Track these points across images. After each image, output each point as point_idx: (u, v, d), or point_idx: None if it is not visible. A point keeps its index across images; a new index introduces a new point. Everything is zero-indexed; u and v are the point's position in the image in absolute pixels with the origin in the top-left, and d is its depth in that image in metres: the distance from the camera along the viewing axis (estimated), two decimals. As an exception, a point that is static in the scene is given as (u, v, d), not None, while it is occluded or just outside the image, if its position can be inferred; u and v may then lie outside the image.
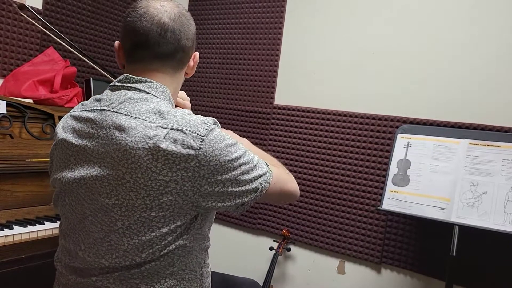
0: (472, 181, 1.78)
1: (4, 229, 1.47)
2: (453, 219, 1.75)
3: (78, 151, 1.04)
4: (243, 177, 1.03)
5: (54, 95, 1.95)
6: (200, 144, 0.96)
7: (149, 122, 0.98)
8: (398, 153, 1.99)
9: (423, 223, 2.10)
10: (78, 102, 2.05)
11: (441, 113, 2.09)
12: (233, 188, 1.02)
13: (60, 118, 1.85)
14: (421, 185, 1.88)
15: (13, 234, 1.45)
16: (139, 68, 1.08)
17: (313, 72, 2.47)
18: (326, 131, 2.40)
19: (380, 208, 1.94)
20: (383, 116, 2.24)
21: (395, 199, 1.92)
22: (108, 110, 1.02)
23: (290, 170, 1.35)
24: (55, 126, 1.80)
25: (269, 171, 1.10)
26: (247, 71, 2.70)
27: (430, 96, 2.12)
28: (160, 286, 1.03)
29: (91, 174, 1.00)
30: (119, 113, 1.01)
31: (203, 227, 1.08)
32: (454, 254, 1.80)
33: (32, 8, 2.14)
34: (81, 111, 1.09)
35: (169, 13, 1.06)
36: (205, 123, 1.00)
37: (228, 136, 1.04)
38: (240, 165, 1.02)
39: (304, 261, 2.49)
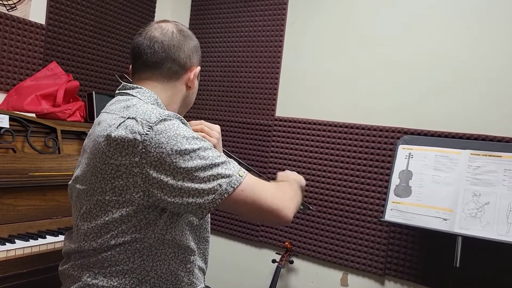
0: (474, 191, 1.77)
1: (6, 243, 1.47)
2: (456, 230, 1.74)
3: (83, 149, 1.18)
4: (198, 173, 0.98)
5: (56, 109, 1.96)
6: (147, 130, 0.99)
7: (115, 114, 1.07)
8: (399, 164, 1.99)
9: (426, 234, 2.09)
10: (81, 116, 2.07)
11: (442, 124, 2.09)
12: (184, 183, 0.98)
13: (62, 132, 1.86)
14: (423, 196, 1.87)
15: (15, 248, 1.45)
16: (135, 78, 1.21)
17: (313, 83, 2.48)
18: (328, 142, 2.41)
19: (382, 219, 1.94)
20: (384, 127, 2.24)
21: (397, 210, 1.91)
22: (101, 112, 1.17)
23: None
24: (58, 140, 1.82)
25: (236, 175, 1.01)
26: (248, 83, 2.71)
27: (431, 107, 2.13)
28: (119, 282, 1.04)
29: (80, 164, 1.14)
30: (104, 112, 1.14)
31: (174, 233, 1.08)
32: (457, 265, 1.79)
33: (35, 23, 2.17)
34: None
35: (162, 29, 1.18)
36: (161, 114, 1.03)
37: (186, 129, 1.02)
38: (193, 158, 0.98)
39: (307, 274, 2.47)
